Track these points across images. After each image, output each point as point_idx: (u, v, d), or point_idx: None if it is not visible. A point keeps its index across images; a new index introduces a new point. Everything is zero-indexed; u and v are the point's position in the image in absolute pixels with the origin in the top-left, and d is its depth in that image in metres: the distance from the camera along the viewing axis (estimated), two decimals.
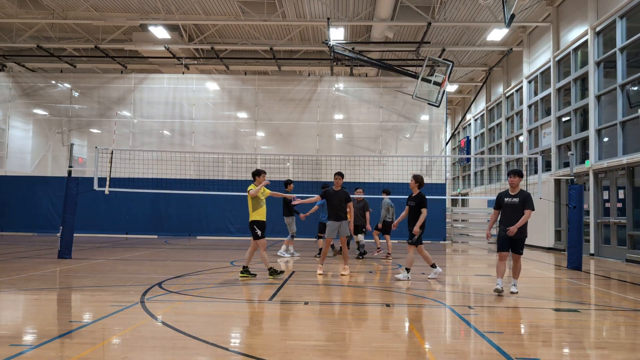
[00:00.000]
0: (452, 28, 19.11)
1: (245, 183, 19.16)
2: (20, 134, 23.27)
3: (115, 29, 19.87)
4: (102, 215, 21.03)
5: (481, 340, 4.98)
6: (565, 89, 17.40)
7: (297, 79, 23.20)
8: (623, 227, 13.55)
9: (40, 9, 18.31)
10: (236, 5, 17.81)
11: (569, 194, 11.82)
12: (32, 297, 6.77)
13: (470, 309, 6.69)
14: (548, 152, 18.31)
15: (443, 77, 17.38)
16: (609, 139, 14.69)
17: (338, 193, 9.71)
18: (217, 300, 6.94)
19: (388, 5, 16.26)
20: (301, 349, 4.52)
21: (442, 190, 21.37)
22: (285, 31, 20.20)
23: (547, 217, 17.68)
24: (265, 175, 9.10)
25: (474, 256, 15.73)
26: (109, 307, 6.12)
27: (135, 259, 12.07)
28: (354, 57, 18.85)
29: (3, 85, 22.88)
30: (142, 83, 22.64)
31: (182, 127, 22.43)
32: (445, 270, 11.89)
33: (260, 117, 22.40)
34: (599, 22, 14.74)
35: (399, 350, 4.59)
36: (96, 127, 23.20)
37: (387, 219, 13.08)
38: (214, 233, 21.11)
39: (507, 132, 23.15)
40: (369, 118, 22.59)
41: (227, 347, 4.60)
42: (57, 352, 4.32)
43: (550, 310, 6.60)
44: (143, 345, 4.57)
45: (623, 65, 13.76)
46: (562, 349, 4.84)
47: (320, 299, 7.20)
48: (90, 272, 9.34)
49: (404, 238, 20.62)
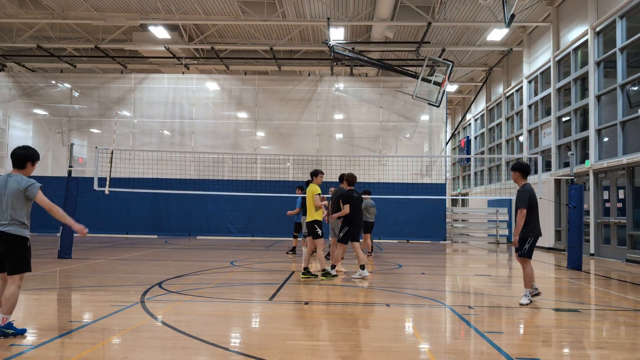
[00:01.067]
0: (452, 28, 19.11)
1: (245, 183, 19.31)
2: (20, 134, 23.26)
3: (115, 29, 19.87)
4: (102, 215, 21.02)
5: (481, 340, 4.98)
6: (565, 89, 17.40)
7: (297, 79, 23.21)
8: (623, 227, 13.55)
9: (40, 9, 18.31)
10: (236, 5, 17.81)
11: (569, 194, 11.81)
12: (32, 297, 6.77)
13: (470, 309, 6.69)
14: (548, 152, 18.31)
15: (443, 77, 17.38)
16: (609, 139, 14.69)
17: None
18: (217, 300, 6.94)
19: (388, 5, 16.26)
20: (301, 349, 4.52)
21: (442, 190, 21.37)
22: (285, 31, 20.20)
23: (547, 217, 17.68)
24: (323, 175, 9.27)
25: (474, 256, 15.73)
26: (109, 307, 6.11)
27: (135, 259, 12.07)
28: (354, 57, 18.85)
29: (3, 85, 22.88)
30: (142, 83, 22.64)
31: (182, 127, 22.43)
32: (445, 270, 11.90)
33: (260, 117, 22.40)
34: (599, 22, 14.73)
35: (399, 350, 4.59)
36: (96, 127, 23.21)
37: (369, 219, 13.05)
38: (214, 233, 21.11)
39: (507, 132, 23.16)
40: (369, 118, 22.59)
41: (227, 347, 4.60)
42: (57, 352, 4.32)
43: (550, 310, 6.60)
44: (143, 345, 4.57)
45: (623, 65, 13.76)
46: (562, 349, 4.84)
47: (320, 299, 7.20)
48: (90, 272, 9.34)
49: (404, 238, 20.68)
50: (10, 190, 4.71)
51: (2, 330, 4.61)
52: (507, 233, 21.33)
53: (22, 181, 4.75)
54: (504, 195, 21.02)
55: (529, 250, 6.79)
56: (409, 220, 20.41)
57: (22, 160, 4.86)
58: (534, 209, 6.83)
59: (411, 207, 20.07)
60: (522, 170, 7.04)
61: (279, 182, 19.49)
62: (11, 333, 4.62)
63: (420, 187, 20.56)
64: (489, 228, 21.65)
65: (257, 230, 21.23)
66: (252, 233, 21.18)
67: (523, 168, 7.06)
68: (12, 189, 4.71)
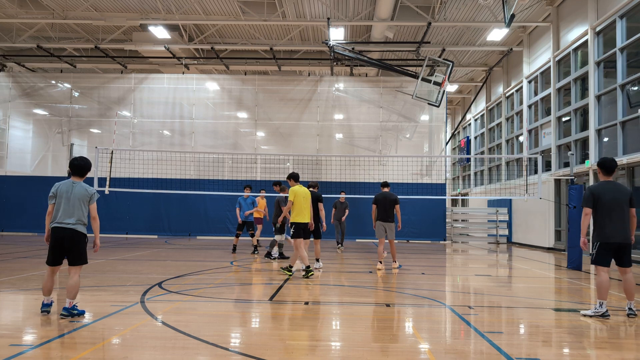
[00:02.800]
0: (452, 28, 19.11)
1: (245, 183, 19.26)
2: (20, 134, 23.27)
3: (115, 29, 19.87)
4: (102, 215, 20.64)
5: (481, 340, 4.98)
6: (565, 89, 17.40)
7: (297, 79, 23.20)
8: None
9: (40, 9, 18.30)
10: (236, 5, 17.81)
11: (569, 194, 11.82)
12: (32, 297, 6.77)
13: (470, 309, 6.69)
14: (548, 152, 18.31)
15: (443, 77, 17.37)
16: (609, 139, 14.69)
17: (387, 196, 10.64)
18: (217, 300, 6.94)
19: (388, 5, 16.26)
20: (301, 349, 4.52)
21: (442, 190, 21.37)
22: (285, 31, 20.20)
23: (547, 217, 17.69)
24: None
25: (474, 256, 15.73)
26: (109, 307, 6.11)
27: (135, 259, 12.07)
28: (354, 57, 18.85)
29: (3, 85, 22.87)
30: (142, 83, 22.64)
31: (182, 127, 22.42)
32: (445, 270, 11.90)
33: (260, 117, 22.40)
34: (599, 22, 14.73)
35: (399, 350, 4.59)
36: (96, 127, 23.20)
37: None
38: (214, 233, 21.10)
39: (507, 132, 23.15)
40: (369, 118, 22.58)
41: (227, 347, 4.59)
42: (57, 352, 4.32)
43: (550, 310, 6.60)
44: (143, 345, 4.57)
45: (623, 65, 13.76)
46: (562, 349, 4.84)
47: (320, 299, 7.20)
48: (90, 272, 9.33)
49: (404, 238, 20.68)
50: (78, 195, 5.57)
51: (69, 311, 5.46)
52: (507, 233, 21.35)
53: (89, 188, 5.67)
54: (504, 196, 21.03)
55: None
56: (408, 220, 20.39)
57: (84, 170, 5.77)
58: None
59: (411, 207, 20.07)
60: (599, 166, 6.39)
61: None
62: (76, 313, 5.49)
63: (420, 187, 20.57)
64: (489, 228, 21.65)
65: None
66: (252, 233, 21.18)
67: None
68: (80, 194, 5.58)
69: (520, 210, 20.58)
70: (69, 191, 5.56)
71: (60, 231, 5.50)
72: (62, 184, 5.63)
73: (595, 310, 6.00)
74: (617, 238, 6.02)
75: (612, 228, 6.03)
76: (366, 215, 20.09)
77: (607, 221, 6.05)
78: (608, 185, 6.19)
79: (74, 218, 5.52)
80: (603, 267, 6.09)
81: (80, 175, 5.74)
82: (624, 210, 6.06)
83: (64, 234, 5.50)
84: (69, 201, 5.53)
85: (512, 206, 21.31)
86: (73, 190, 5.57)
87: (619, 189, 6.21)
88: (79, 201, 5.55)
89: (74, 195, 5.54)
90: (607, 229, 6.05)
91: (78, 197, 5.55)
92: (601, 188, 6.17)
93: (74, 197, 5.54)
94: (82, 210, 5.56)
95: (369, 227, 20.16)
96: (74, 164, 5.72)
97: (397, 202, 10.69)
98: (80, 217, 5.55)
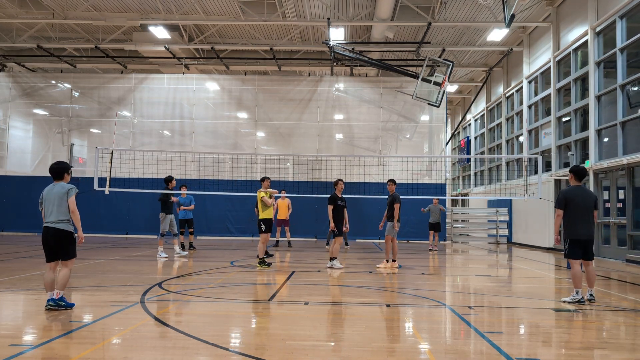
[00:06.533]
0: (452, 28, 19.11)
1: (245, 183, 19.28)
2: (20, 134, 23.26)
3: (115, 29, 19.87)
4: (102, 215, 21.01)
5: (481, 340, 4.98)
6: (565, 89, 17.40)
7: (297, 79, 23.20)
8: (623, 228, 13.55)
9: (40, 9, 18.30)
10: (236, 5, 17.81)
11: None
12: (32, 297, 6.77)
13: (470, 309, 6.69)
14: (548, 152, 18.31)
15: (443, 77, 17.37)
16: (609, 139, 14.69)
17: (392, 196, 11.38)
18: (217, 300, 6.94)
19: (388, 5, 16.26)
20: (301, 349, 4.52)
21: (442, 190, 21.37)
22: (285, 31, 20.20)
23: (547, 217, 17.68)
24: (269, 180, 11.21)
25: (474, 256, 15.73)
26: (109, 307, 6.11)
27: (135, 259, 12.07)
28: (354, 57, 18.84)
29: (3, 85, 22.87)
30: (142, 83, 22.63)
31: (182, 127, 22.42)
32: (445, 270, 11.90)
33: (260, 117, 22.39)
34: (599, 22, 14.73)
35: (399, 350, 4.59)
36: (96, 127, 23.19)
37: None
38: (214, 233, 21.09)
39: (507, 132, 23.15)
40: (369, 118, 22.58)
41: (227, 347, 4.60)
42: (57, 352, 4.32)
43: (550, 310, 6.60)
44: (143, 345, 4.57)
45: (623, 66, 13.76)
46: (562, 349, 4.84)
47: (320, 299, 7.20)
48: (90, 272, 9.34)
49: (404, 238, 20.67)
50: (57, 194, 5.94)
51: (56, 302, 5.78)
52: (507, 233, 21.34)
53: (65, 185, 6.04)
54: (504, 196, 21.03)
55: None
56: (408, 220, 20.37)
57: (60, 172, 6.12)
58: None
59: (411, 207, 20.05)
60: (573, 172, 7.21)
61: (279, 182, 19.46)
62: (63, 305, 5.81)
63: (420, 188, 20.57)
64: (489, 228, 21.65)
65: (257, 230, 21.16)
66: (252, 233, 21.15)
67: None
68: (58, 193, 5.95)
69: (520, 211, 20.58)
70: (49, 193, 6.00)
71: (45, 230, 5.93)
72: (45, 189, 6.07)
73: (573, 297, 6.85)
74: (585, 235, 6.95)
75: (582, 226, 6.94)
76: (366, 215, 20.12)
77: (577, 221, 6.95)
78: (578, 190, 7.04)
79: (54, 217, 5.91)
80: (576, 260, 6.99)
81: (59, 177, 6.12)
82: (590, 212, 6.99)
83: (48, 233, 5.91)
84: (49, 202, 5.96)
85: (512, 206, 21.30)
86: (53, 191, 6.00)
87: (588, 193, 7.13)
88: (58, 200, 5.92)
89: (54, 195, 5.96)
90: (578, 227, 6.95)
91: (58, 196, 5.94)
92: (573, 192, 7.03)
93: (54, 197, 5.95)
94: (61, 207, 5.92)
95: (369, 227, 20.26)
96: (51, 167, 6.15)
97: (395, 201, 11.15)
98: (60, 215, 5.91)
